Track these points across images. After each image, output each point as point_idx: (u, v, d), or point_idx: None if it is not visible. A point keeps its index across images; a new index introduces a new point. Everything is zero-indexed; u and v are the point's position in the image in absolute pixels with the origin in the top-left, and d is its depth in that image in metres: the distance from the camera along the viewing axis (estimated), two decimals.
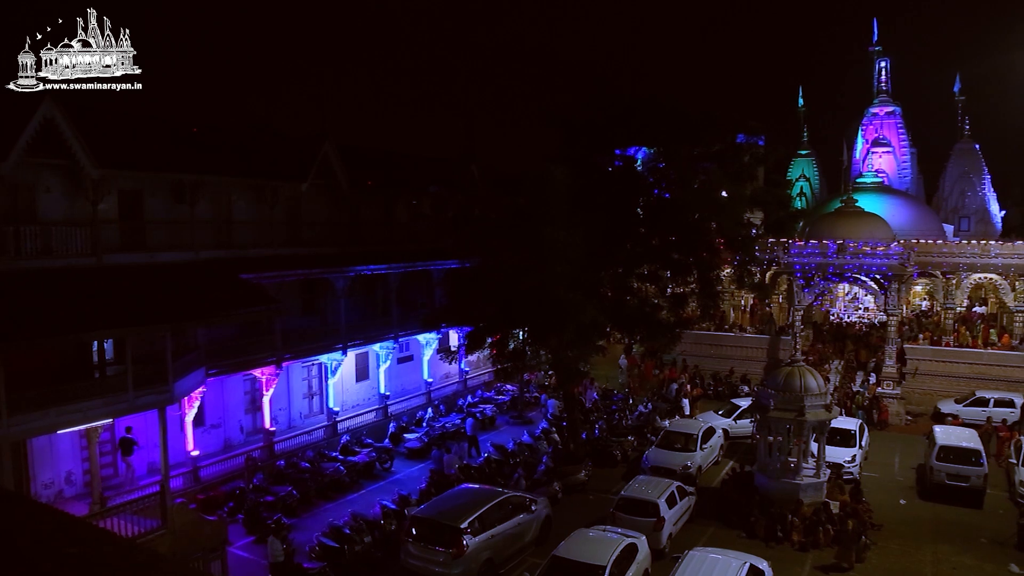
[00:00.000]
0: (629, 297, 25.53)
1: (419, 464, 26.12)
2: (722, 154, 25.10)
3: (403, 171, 33.78)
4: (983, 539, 20.26)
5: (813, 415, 20.75)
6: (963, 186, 50.70)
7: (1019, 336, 34.34)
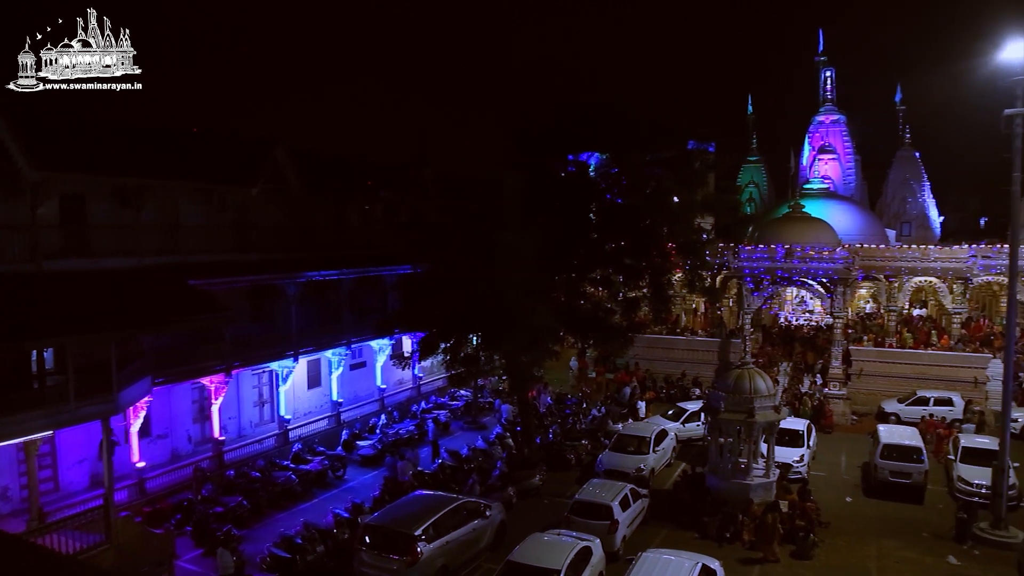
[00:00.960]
0: (582, 302, 25.70)
1: (373, 471, 25.85)
2: (673, 160, 25.44)
3: (356, 176, 33.49)
4: (924, 533, 20.85)
5: (762, 416, 21.13)
6: (904, 192, 52.30)
7: (956, 337, 35.50)
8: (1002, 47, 20.29)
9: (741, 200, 53.11)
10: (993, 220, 74.82)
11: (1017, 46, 20.07)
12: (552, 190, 24.79)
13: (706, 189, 27.15)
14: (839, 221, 40.89)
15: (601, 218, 25.52)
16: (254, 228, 27.28)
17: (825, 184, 49.15)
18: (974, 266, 35.60)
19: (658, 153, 25.30)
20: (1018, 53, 20.08)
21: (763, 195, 54.83)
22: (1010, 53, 20.19)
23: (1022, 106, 20.22)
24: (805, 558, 19.16)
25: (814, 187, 47.83)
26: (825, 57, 52.98)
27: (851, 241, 38.95)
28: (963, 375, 33.12)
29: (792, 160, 42.29)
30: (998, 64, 20.51)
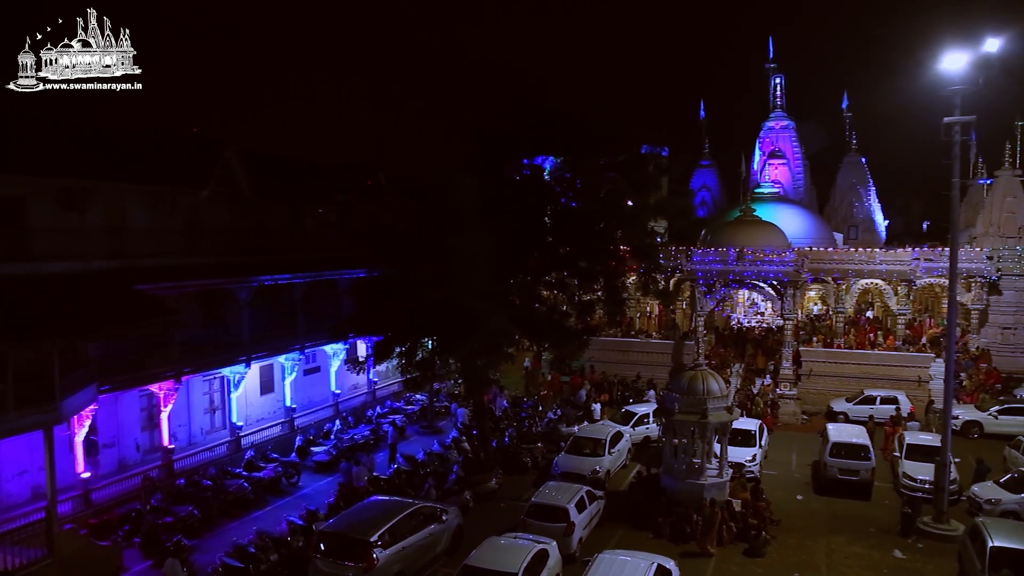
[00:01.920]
0: (537, 305, 25.78)
1: (327, 477, 25.55)
2: (627, 164, 25.68)
3: (310, 178, 33.12)
4: (872, 528, 21.37)
5: (716, 417, 21.43)
6: (851, 197, 53.73)
7: (902, 337, 36.50)
8: (941, 58, 20.97)
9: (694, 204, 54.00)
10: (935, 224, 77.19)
11: (955, 57, 20.76)
12: (507, 194, 24.84)
13: (659, 193, 27.47)
14: (789, 225, 41.76)
15: (556, 222, 25.65)
16: (205, 231, 26.77)
17: (775, 188, 50.17)
18: (917, 268, 36.63)
19: (612, 157, 25.54)
20: (956, 64, 20.78)
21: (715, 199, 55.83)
22: (948, 64, 20.88)
23: (960, 115, 20.94)
24: (757, 555, 19.49)
25: (765, 191, 48.81)
26: (775, 64, 54.22)
27: (800, 244, 39.79)
28: (907, 374, 34.09)
29: (743, 165, 43.14)
30: (938, 74, 21.19)
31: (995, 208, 42.72)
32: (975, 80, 20.87)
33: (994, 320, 40.21)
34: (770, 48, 54.10)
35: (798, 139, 54.01)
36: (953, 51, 20.79)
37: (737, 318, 43.82)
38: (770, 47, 54.12)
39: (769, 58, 54.18)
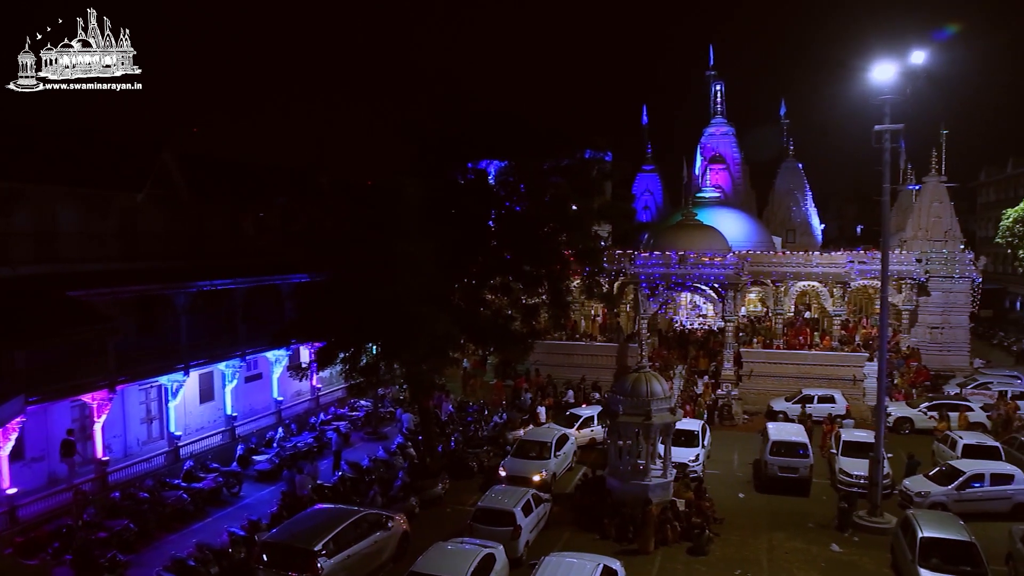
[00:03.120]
0: (482, 309, 25.75)
1: (270, 487, 25.05)
2: (571, 169, 25.86)
3: (250, 181, 32.50)
4: (810, 524, 21.95)
5: (659, 418, 21.71)
6: (789, 201, 55.10)
7: (837, 338, 37.60)
8: (871, 68, 21.74)
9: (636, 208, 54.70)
10: (868, 228, 79.86)
11: (884, 68, 21.55)
12: (451, 198, 24.77)
13: (603, 197, 27.73)
14: (729, 229, 42.59)
15: (500, 226, 25.67)
16: (141, 236, 26.06)
17: (716, 193, 51.14)
18: (851, 271, 37.82)
19: (556, 161, 25.68)
20: (885, 75, 21.57)
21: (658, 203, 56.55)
22: (878, 74, 21.66)
23: (890, 123, 21.72)
24: (701, 554, 19.81)
25: (706, 196, 49.72)
26: (715, 71, 55.21)
27: (741, 248, 40.66)
28: (843, 374, 35.12)
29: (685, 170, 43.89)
30: (869, 83, 21.95)
31: (923, 213, 44.39)
32: (903, 90, 21.71)
33: (923, 320, 41.82)
34: (710, 56, 55.17)
35: (738, 145, 55.18)
36: (882, 62, 21.59)
37: (680, 320, 44.49)
38: (710, 55, 55.20)
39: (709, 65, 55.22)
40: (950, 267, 41.93)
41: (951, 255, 42.21)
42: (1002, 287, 65.64)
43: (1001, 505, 22.17)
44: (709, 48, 55.34)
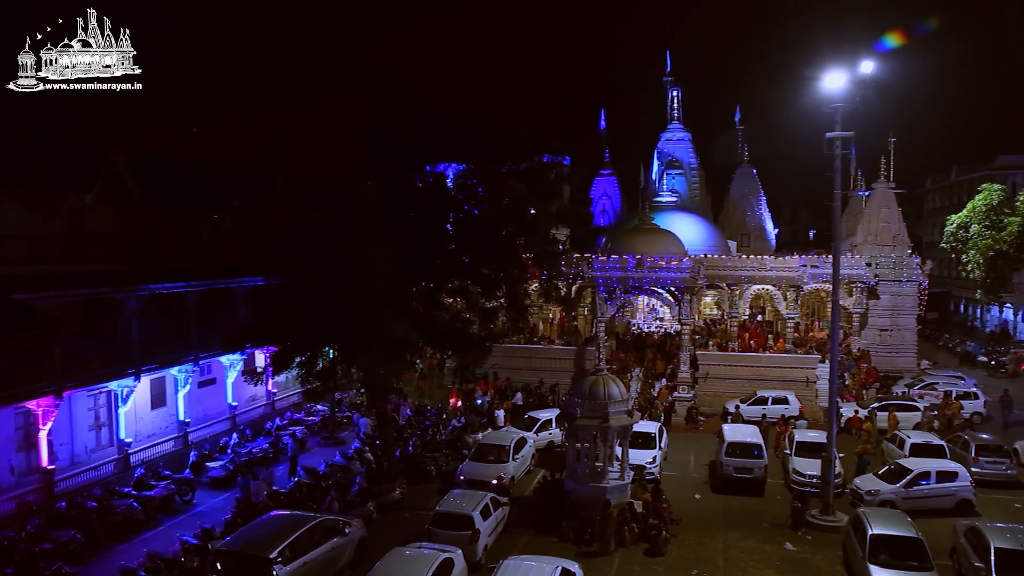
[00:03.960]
0: (440, 312, 25.65)
1: (224, 494, 24.61)
2: (529, 172, 25.93)
3: (205, 182, 31.89)
4: (765, 523, 22.31)
5: (617, 421, 21.85)
6: (744, 206, 56.01)
7: (791, 340, 38.30)
8: (823, 77, 22.25)
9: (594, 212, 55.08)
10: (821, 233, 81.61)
11: (835, 76, 22.07)
12: (409, 201, 24.64)
13: (561, 201, 27.87)
14: (686, 233, 43.14)
15: (458, 229, 25.61)
16: (90, 237, 25.37)
17: (673, 198, 51.75)
18: (804, 275, 38.58)
19: (514, 165, 25.73)
20: (836, 83, 22.10)
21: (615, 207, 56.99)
22: (829, 83, 22.18)
23: (840, 130, 22.25)
24: (658, 554, 19.98)
25: (663, 200, 50.30)
26: (672, 77, 55.89)
27: (696, 252, 41.20)
28: (797, 375, 35.77)
29: (642, 174, 44.33)
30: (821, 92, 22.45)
31: (873, 218, 45.52)
32: (853, 98, 22.26)
33: (873, 323, 42.86)
34: (667, 62, 55.81)
35: (694, 150, 55.93)
36: (833, 71, 22.11)
37: (637, 324, 44.90)
38: (667, 61, 55.84)
39: (666, 71, 55.87)
40: (898, 271, 43.06)
41: (899, 260, 43.35)
42: (947, 291, 67.65)
43: (946, 502, 22.82)
44: (666, 54, 56.01)
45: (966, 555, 18.26)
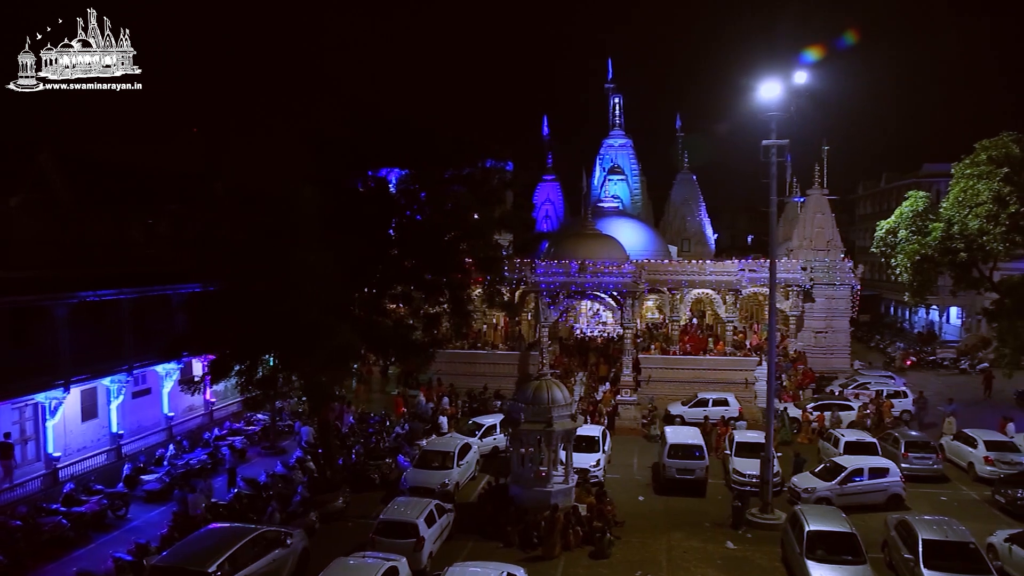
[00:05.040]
0: (383, 318, 25.41)
1: (160, 507, 23.90)
2: (472, 177, 25.91)
3: (140, 186, 30.96)
4: (706, 523, 22.69)
5: (560, 425, 21.96)
6: (684, 212, 57.02)
7: (730, 343, 39.10)
8: (759, 86, 22.85)
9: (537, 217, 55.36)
10: (758, 238, 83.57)
11: (770, 86, 22.69)
12: (351, 206, 24.37)
13: (504, 206, 27.93)
14: (627, 238, 43.66)
15: (401, 234, 25.43)
16: (15, 242, 24.34)
17: (615, 203, 52.35)
18: (742, 279, 39.47)
19: (457, 170, 25.68)
20: (771, 92, 22.71)
21: (558, 213, 57.39)
22: (765, 92, 22.78)
23: (776, 138, 22.86)
24: (603, 557, 20.14)
25: (605, 206, 50.84)
26: (614, 84, 56.57)
27: (638, 257, 41.74)
28: (736, 377, 36.53)
29: (584, 180, 44.65)
30: (757, 100, 23.05)
31: (807, 224, 46.85)
32: (788, 107, 22.90)
33: (809, 325, 44.07)
34: (609, 69, 56.48)
35: (635, 156, 56.70)
36: (769, 81, 22.72)
37: (580, 328, 45.22)
38: (609, 68, 56.51)
39: (608, 79, 56.54)
40: (832, 275, 44.40)
41: (833, 263, 44.70)
42: (878, 293, 70.05)
43: (878, 497, 23.59)
44: (607, 62, 56.67)
45: (896, 547, 18.91)
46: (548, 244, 43.51)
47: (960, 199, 21.63)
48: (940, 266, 23.32)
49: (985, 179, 20.99)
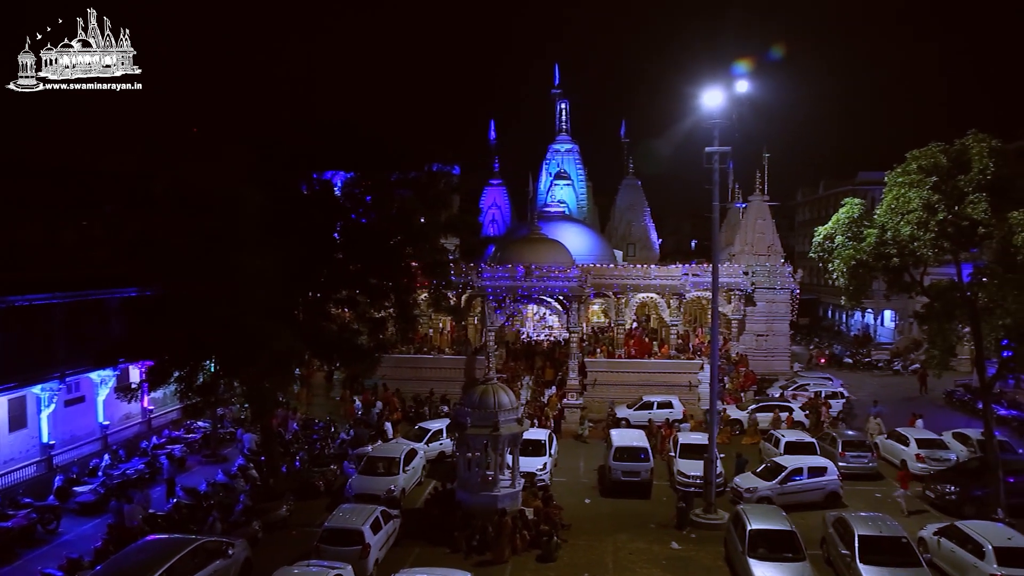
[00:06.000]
0: (328, 323, 25.06)
1: (94, 520, 23.13)
2: (418, 181, 25.73)
3: (73, 187, 29.89)
4: (652, 524, 22.95)
5: (507, 429, 21.98)
6: (629, 217, 57.68)
7: (674, 346, 39.65)
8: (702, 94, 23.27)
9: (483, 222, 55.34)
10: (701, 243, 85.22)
11: (713, 94, 23.13)
12: (295, 209, 23.98)
13: (450, 210, 27.84)
14: (573, 243, 43.97)
15: (346, 238, 25.13)
16: None
17: (561, 208, 52.68)
18: (686, 283, 40.08)
19: (404, 174, 25.49)
20: (714, 101, 23.16)
21: (505, 217, 57.47)
22: (708, 100, 23.22)
23: (718, 145, 23.31)
24: (550, 560, 20.19)
25: (551, 211, 51.12)
26: (560, 90, 56.94)
27: (584, 261, 42.06)
28: (681, 380, 37.06)
29: (531, 185, 44.80)
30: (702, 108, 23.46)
31: (749, 229, 47.90)
32: (730, 115, 23.37)
33: (750, 328, 45.02)
34: (556, 75, 56.86)
35: (582, 161, 57.16)
36: (711, 89, 23.16)
37: (526, 332, 45.33)
38: (556, 74, 56.88)
39: (555, 84, 56.90)
40: (772, 279, 45.48)
41: (773, 268, 45.79)
42: (816, 297, 71.99)
43: (817, 495, 24.20)
44: (555, 67, 57.04)
45: (834, 543, 19.43)
46: (494, 248, 43.50)
47: (893, 206, 22.26)
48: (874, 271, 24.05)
49: (916, 187, 21.66)
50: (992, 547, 17.88)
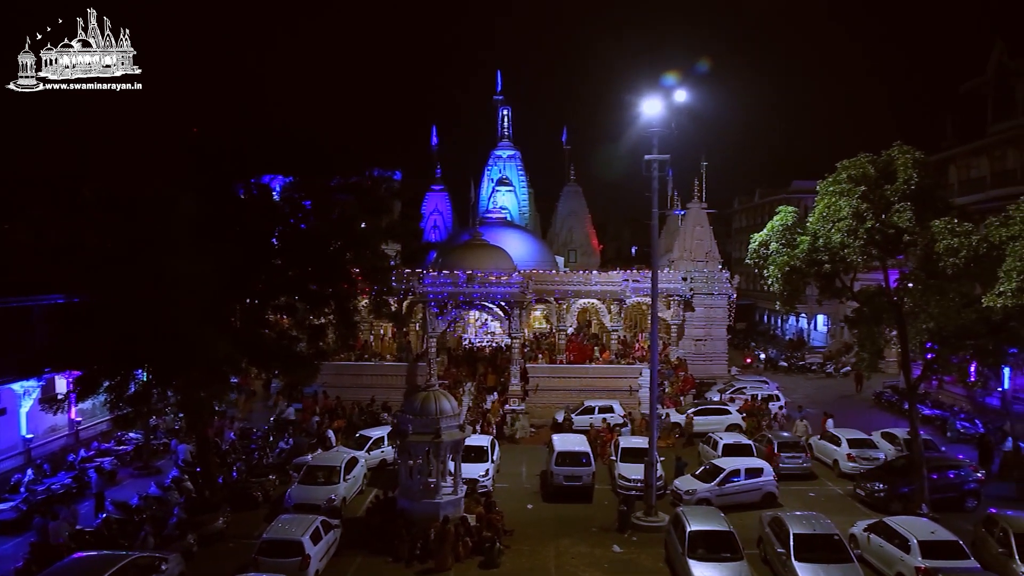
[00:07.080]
0: (266, 330, 24.56)
1: (15, 538, 22.13)
2: (359, 186, 25.46)
3: None
4: (594, 528, 23.10)
5: (449, 436, 21.86)
6: (571, 223, 58.24)
7: (615, 351, 40.10)
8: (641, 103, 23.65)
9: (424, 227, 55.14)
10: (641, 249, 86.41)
11: (652, 103, 23.53)
12: (232, 213, 23.46)
13: (391, 216, 27.64)
14: (515, 249, 44.13)
15: (285, 243, 24.68)
16: None
17: (503, 214, 52.83)
18: (626, 289, 40.59)
19: (344, 178, 25.20)
20: (652, 109, 23.56)
21: (446, 223, 57.39)
22: (647, 109, 23.61)
23: (657, 153, 23.70)
24: (493, 566, 20.14)
25: (493, 217, 51.22)
26: (502, 97, 57.19)
27: (526, 267, 42.23)
28: (621, 384, 37.48)
29: (473, 191, 44.90)
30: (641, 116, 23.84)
31: (687, 236, 48.83)
32: (669, 124, 23.80)
33: (689, 333, 45.88)
34: (498, 81, 57.08)
35: (523, 168, 57.48)
36: (650, 98, 23.54)
37: (468, 338, 45.25)
38: (498, 80, 57.10)
39: (497, 91, 57.11)
40: (710, 285, 46.45)
41: (711, 274, 46.78)
42: (752, 303, 73.75)
43: (753, 496, 24.75)
44: (497, 74, 57.26)
45: (770, 542, 19.89)
46: (436, 254, 43.37)
47: (824, 214, 22.99)
48: (807, 277, 24.82)
49: (846, 196, 22.41)
50: (917, 541, 18.58)
